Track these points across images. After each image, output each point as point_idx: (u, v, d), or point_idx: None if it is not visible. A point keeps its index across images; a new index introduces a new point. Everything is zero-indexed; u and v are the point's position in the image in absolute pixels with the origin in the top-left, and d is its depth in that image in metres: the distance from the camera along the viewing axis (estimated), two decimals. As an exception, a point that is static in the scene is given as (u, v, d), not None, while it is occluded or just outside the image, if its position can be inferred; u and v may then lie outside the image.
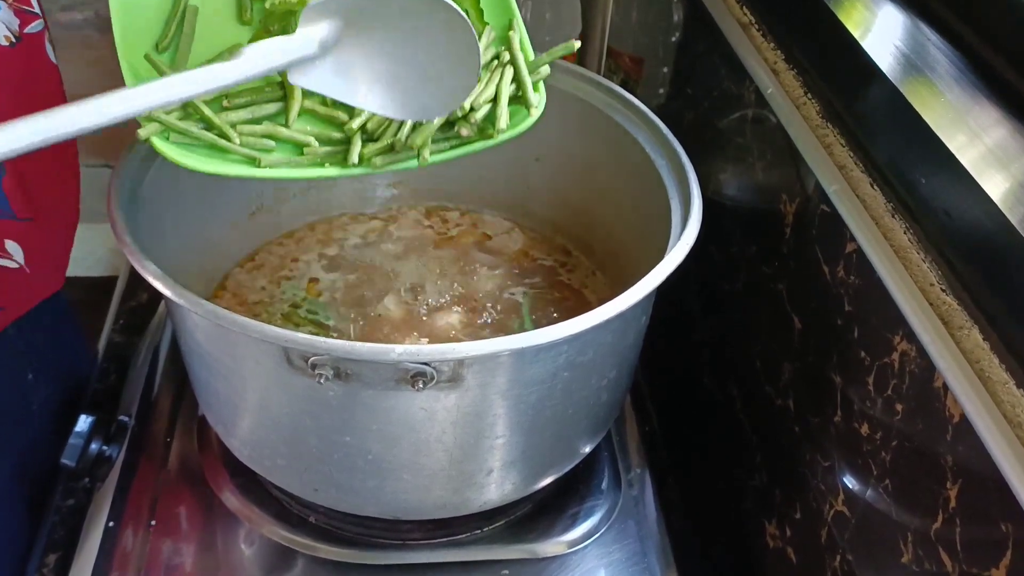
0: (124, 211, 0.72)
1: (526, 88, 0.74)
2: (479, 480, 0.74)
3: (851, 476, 0.67)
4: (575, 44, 0.75)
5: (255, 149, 0.68)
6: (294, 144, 0.69)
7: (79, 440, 0.89)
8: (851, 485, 0.67)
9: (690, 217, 0.72)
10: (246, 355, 0.68)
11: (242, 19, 0.74)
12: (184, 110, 0.68)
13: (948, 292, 0.57)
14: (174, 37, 0.71)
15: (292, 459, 0.74)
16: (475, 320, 0.88)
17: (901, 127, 0.64)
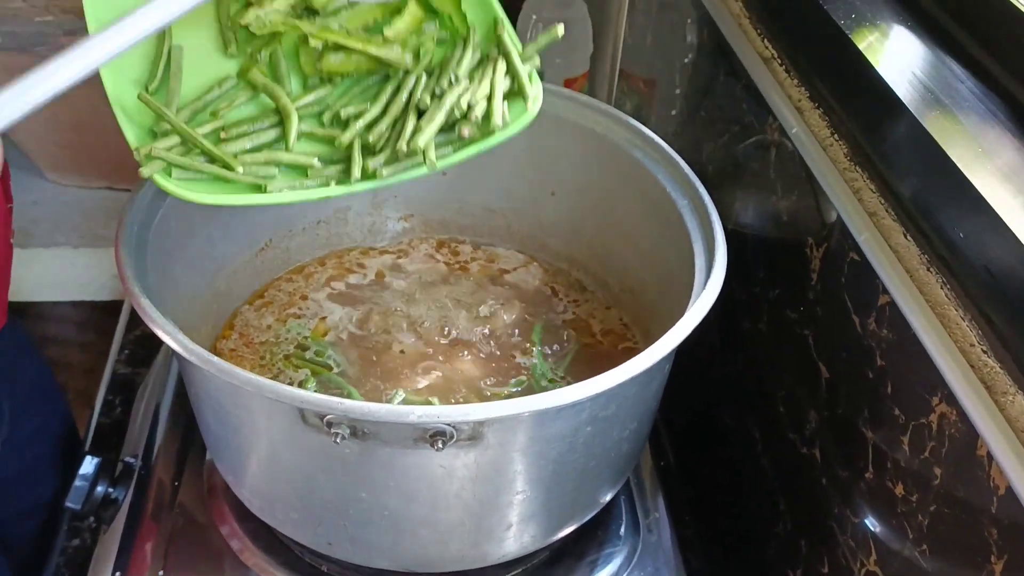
0: (132, 257, 0.70)
1: (521, 79, 0.72)
2: (498, 534, 0.72)
3: (884, 536, 0.65)
4: (559, 29, 0.74)
5: (259, 177, 0.67)
6: (298, 168, 0.68)
7: (84, 483, 0.87)
8: (884, 546, 0.65)
9: (714, 265, 0.70)
10: (258, 411, 0.66)
11: (226, 52, 0.73)
12: (185, 145, 0.66)
13: (990, 354, 0.55)
14: (162, 78, 0.70)
15: (305, 513, 0.72)
16: (488, 360, 0.86)
17: (935, 174, 0.62)
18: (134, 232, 0.73)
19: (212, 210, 0.68)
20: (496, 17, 0.74)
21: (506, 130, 0.70)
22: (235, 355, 0.87)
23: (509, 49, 0.73)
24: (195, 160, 0.66)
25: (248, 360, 0.86)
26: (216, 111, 0.70)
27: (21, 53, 1.26)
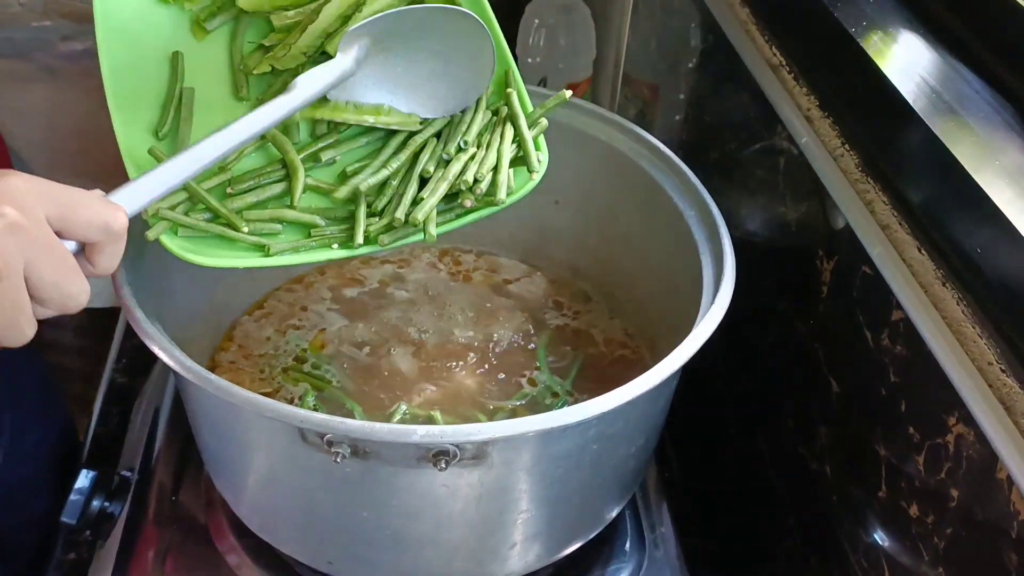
0: (128, 268, 0.69)
1: (528, 149, 0.71)
2: (502, 553, 0.70)
3: (898, 557, 0.63)
4: (567, 94, 0.74)
5: (263, 235, 0.67)
6: (301, 224, 0.69)
7: (80, 497, 0.86)
8: (898, 566, 0.63)
9: (723, 279, 0.68)
10: (257, 429, 0.64)
11: (238, 95, 0.74)
12: (190, 201, 0.67)
13: (1009, 373, 0.54)
14: (173, 121, 0.70)
15: (305, 531, 0.71)
16: (491, 372, 0.84)
17: (950, 185, 0.61)
18: (131, 242, 0.71)
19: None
20: (508, 70, 0.74)
21: (508, 198, 0.70)
22: (234, 367, 0.86)
23: (516, 112, 0.72)
24: (200, 219, 0.67)
25: (247, 373, 0.85)
26: (224, 164, 0.70)
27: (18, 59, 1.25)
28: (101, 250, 0.52)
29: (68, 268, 0.49)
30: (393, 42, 0.68)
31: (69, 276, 0.49)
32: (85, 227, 0.50)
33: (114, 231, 0.51)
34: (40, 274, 0.48)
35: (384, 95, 0.71)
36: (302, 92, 0.64)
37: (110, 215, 0.51)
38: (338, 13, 0.73)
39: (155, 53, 0.72)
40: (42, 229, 0.48)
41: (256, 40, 0.75)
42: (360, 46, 0.67)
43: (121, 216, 0.52)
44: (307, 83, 0.64)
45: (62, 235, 0.49)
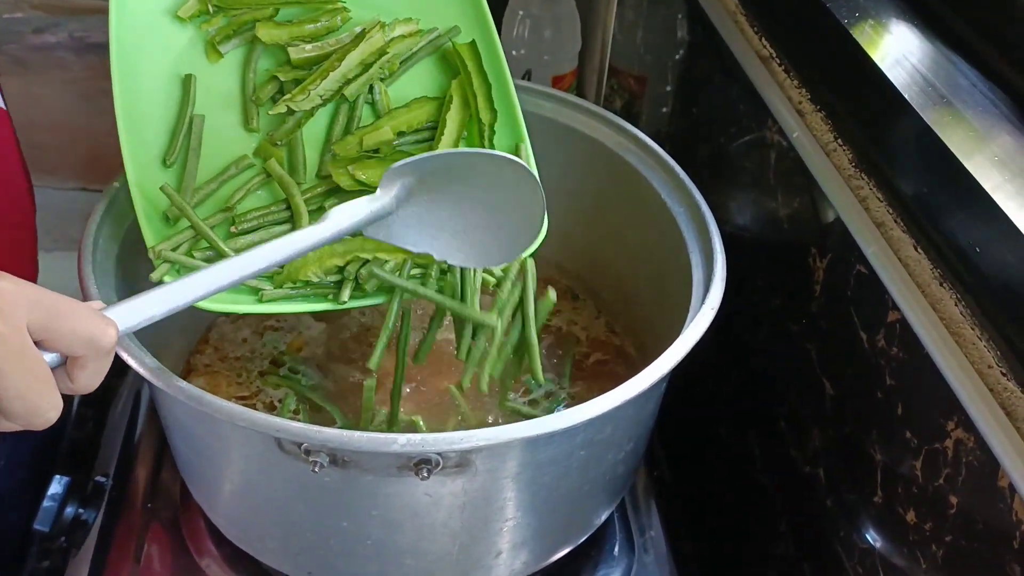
0: (97, 269, 0.67)
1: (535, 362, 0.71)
2: (487, 562, 0.68)
3: (895, 564, 0.62)
4: (552, 295, 0.73)
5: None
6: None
7: (53, 503, 0.83)
8: (895, 574, 0.62)
9: (713, 278, 0.66)
10: (232, 438, 0.62)
11: (248, 127, 0.74)
12: (194, 240, 0.67)
13: (1010, 376, 0.52)
14: (181, 150, 0.70)
15: (284, 542, 0.69)
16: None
17: (946, 181, 0.59)
18: (100, 243, 0.69)
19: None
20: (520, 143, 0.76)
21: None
22: (210, 370, 0.83)
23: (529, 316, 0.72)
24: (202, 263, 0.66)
25: (224, 376, 0.82)
26: (230, 204, 0.70)
27: (-10, 51, 1.22)
28: (83, 365, 0.47)
29: (40, 382, 0.45)
30: (439, 185, 0.63)
31: (39, 390, 0.45)
32: (69, 338, 0.46)
33: (100, 346, 0.47)
34: (5, 384, 0.44)
35: (424, 240, 0.65)
36: (333, 225, 0.59)
37: (99, 329, 0.47)
38: (360, 60, 0.73)
39: (167, 74, 0.71)
40: (18, 336, 0.44)
41: (271, 69, 0.75)
42: (403, 185, 0.62)
43: (111, 332, 0.47)
44: (340, 216, 0.60)
45: (44, 345, 0.45)
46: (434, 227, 0.65)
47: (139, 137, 0.68)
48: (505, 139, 0.75)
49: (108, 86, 0.68)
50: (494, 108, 0.75)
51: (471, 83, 0.75)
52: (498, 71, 0.75)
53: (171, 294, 0.52)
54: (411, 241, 0.65)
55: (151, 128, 0.69)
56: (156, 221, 0.67)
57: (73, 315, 0.46)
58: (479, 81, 0.75)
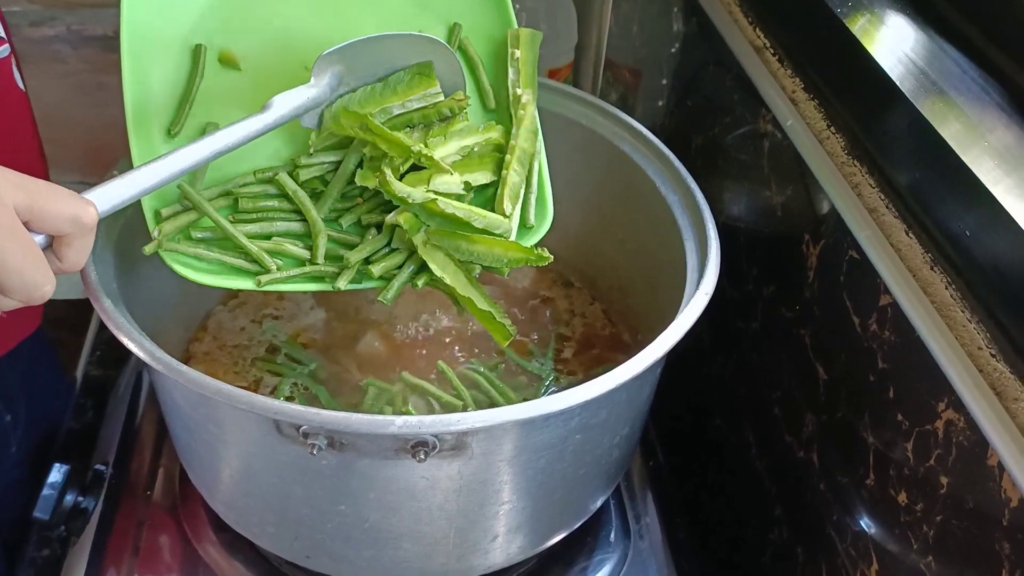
0: (97, 257, 0.67)
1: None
2: (484, 546, 0.69)
3: (887, 546, 0.62)
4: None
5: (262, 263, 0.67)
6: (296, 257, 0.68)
7: (52, 492, 0.84)
8: (887, 555, 0.62)
9: (707, 265, 0.67)
10: (231, 422, 0.62)
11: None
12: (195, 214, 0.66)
13: (999, 358, 0.53)
14: (185, 121, 0.69)
15: (282, 526, 0.69)
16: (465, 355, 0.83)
17: (937, 167, 0.59)
18: (100, 231, 0.69)
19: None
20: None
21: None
22: (209, 358, 0.84)
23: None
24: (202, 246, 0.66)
25: (222, 364, 0.83)
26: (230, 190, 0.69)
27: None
28: (69, 243, 0.51)
29: (33, 256, 0.48)
30: (365, 71, 0.68)
31: (34, 264, 0.48)
32: (54, 218, 0.49)
33: (83, 223, 0.50)
34: (3, 260, 0.47)
35: None
36: (276, 112, 0.63)
37: (80, 207, 0.50)
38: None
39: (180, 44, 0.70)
40: (7, 213, 0.47)
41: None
42: (333, 73, 0.66)
43: (91, 210, 0.51)
44: (282, 103, 0.64)
45: (30, 226, 0.48)
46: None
47: (144, 105, 0.68)
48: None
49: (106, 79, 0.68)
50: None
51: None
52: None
53: (140, 177, 0.56)
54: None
55: (158, 99, 0.69)
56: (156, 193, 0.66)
57: (55, 196, 0.49)
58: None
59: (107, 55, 1.25)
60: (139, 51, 0.68)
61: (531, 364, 0.83)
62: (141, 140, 0.67)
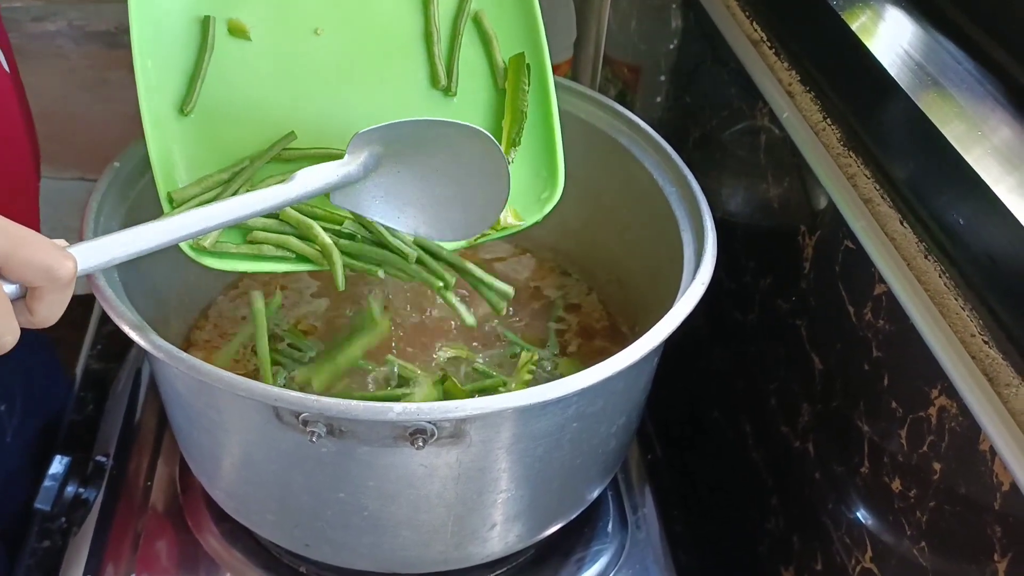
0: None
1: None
2: (482, 534, 0.69)
3: (881, 533, 0.63)
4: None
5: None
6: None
7: (54, 483, 0.85)
8: (881, 543, 0.63)
9: (704, 255, 0.67)
10: (231, 409, 0.63)
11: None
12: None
13: (992, 344, 0.53)
14: (197, 98, 0.67)
15: (282, 514, 0.70)
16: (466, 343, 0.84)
17: (931, 158, 0.60)
18: (100, 224, 0.70)
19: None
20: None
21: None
22: (210, 346, 0.84)
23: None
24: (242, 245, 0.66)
25: (223, 351, 0.83)
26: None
27: (-13, 40, 1.23)
28: (41, 297, 0.47)
29: None
30: (406, 155, 0.64)
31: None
32: (25, 267, 0.46)
33: (58, 278, 0.47)
34: None
35: (391, 212, 0.66)
36: (299, 187, 0.60)
37: (56, 260, 0.47)
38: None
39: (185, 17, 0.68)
40: None
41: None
42: (371, 153, 0.63)
43: (69, 264, 0.48)
44: (307, 178, 0.61)
45: (1, 274, 0.46)
46: (401, 199, 0.65)
47: (157, 89, 0.66)
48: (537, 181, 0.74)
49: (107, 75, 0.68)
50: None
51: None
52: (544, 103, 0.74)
53: (135, 238, 0.53)
54: (378, 212, 0.66)
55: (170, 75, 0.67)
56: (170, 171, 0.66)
57: (32, 245, 0.46)
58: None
59: (109, 51, 1.25)
60: (148, 27, 0.66)
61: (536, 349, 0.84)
62: (154, 122, 0.65)
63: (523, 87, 0.73)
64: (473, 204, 0.65)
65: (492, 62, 0.75)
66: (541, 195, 0.73)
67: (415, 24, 0.74)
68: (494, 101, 0.75)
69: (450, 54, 0.74)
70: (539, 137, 0.73)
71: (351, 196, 0.65)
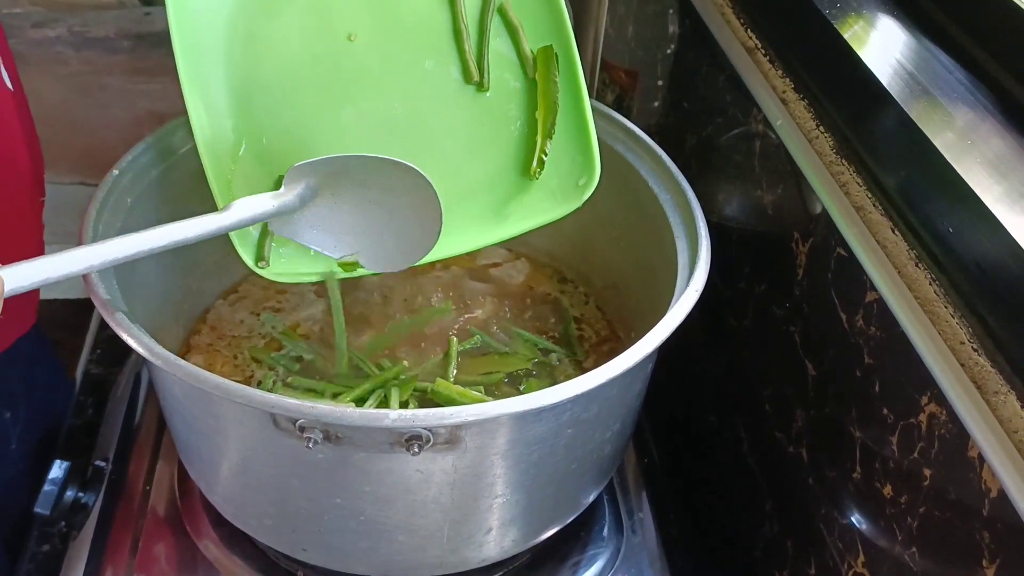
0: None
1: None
2: (477, 539, 0.70)
3: (873, 538, 0.63)
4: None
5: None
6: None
7: (53, 487, 0.85)
8: (873, 547, 0.63)
9: (698, 262, 0.68)
10: (228, 416, 0.63)
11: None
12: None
13: (981, 352, 0.54)
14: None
15: (279, 519, 0.70)
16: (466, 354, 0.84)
17: (923, 166, 0.60)
18: (99, 230, 0.70)
19: (181, 209, 0.67)
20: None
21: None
22: (212, 349, 0.85)
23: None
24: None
25: (222, 355, 0.84)
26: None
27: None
28: None
29: None
30: (341, 187, 0.66)
31: None
32: None
33: None
34: None
35: (328, 240, 0.68)
36: (234, 215, 0.62)
37: None
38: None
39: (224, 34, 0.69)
40: None
41: None
42: (307, 184, 0.65)
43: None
44: (243, 208, 0.62)
45: None
46: (338, 229, 0.68)
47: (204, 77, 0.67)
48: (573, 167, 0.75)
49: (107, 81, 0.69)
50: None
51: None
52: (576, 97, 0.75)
53: (65, 261, 0.54)
54: (316, 241, 0.68)
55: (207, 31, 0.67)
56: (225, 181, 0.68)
57: None
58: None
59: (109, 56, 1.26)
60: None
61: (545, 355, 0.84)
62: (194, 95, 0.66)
63: (553, 78, 0.74)
64: (407, 235, 0.67)
65: (520, 52, 0.76)
66: (579, 181, 0.74)
67: (444, 22, 0.75)
68: (526, 91, 0.76)
69: (480, 49, 0.75)
70: (572, 124, 0.74)
71: (288, 225, 0.66)
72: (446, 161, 0.74)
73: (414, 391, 0.76)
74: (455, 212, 0.70)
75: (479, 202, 0.74)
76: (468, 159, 0.75)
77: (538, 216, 0.74)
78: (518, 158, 0.75)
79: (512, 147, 0.75)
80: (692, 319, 0.64)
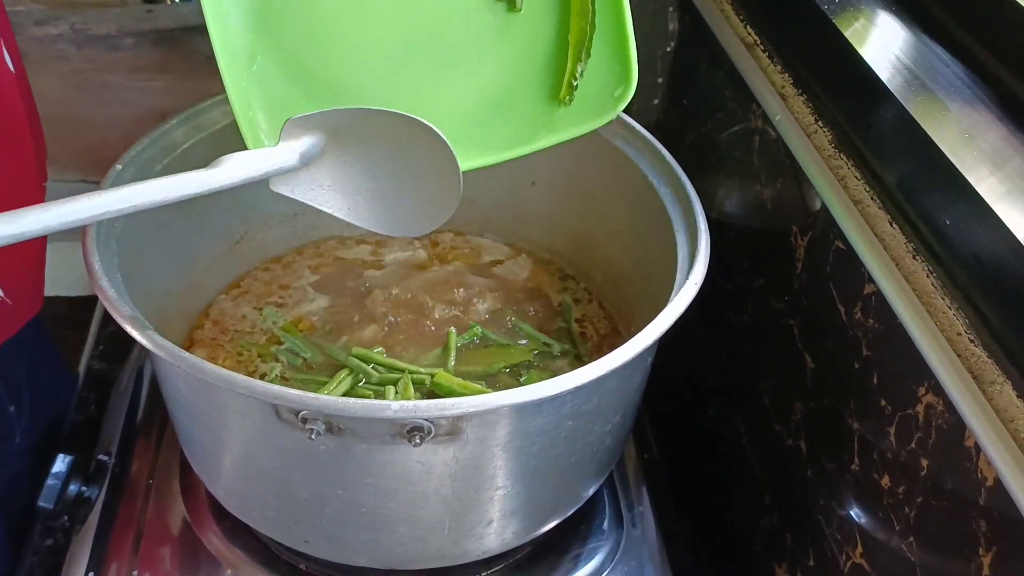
0: (101, 251, 0.68)
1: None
2: (478, 531, 0.70)
3: (871, 529, 0.64)
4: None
5: None
6: None
7: (57, 482, 0.86)
8: (870, 538, 0.64)
9: (697, 255, 0.68)
10: (231, 407, 0.64)
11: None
12: None
13: (977, 343, 0.54)
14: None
15: (281, 511, 0.71)
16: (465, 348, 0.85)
17: (920, 160, 0.61)
18: (103, 226, 0.71)
19: (185, 204, 0.67)
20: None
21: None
22: (215, 343, 0.85)
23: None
24: None
25: (225, 349, 0.84)
26: None
27: (-10, 43, 1.24)
28: None
29: None
30: (353, 145, 0.61)
31: None
32: None
33: None
34: None
35: (338, 201, 0.63)
36: (225, 173, 0.56)
37: None
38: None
39: None
40: None
41: None
42: (310, 140, 0.60)
43: None
44: (235, 165, 0.56)
45: None
46: (349, 190, 0.63)
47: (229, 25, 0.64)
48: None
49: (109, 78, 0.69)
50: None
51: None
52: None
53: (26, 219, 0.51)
54: (325, 202, 0.63)
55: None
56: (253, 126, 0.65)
57: None
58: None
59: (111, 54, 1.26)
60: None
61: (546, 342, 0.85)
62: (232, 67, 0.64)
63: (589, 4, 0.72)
64: (421, 196, 0.63)
65: None
66: (615, 92, 0.72)
67: None
68: (559, 9, 0.73)
69: None
70: (611, 33, 0.72)
71: (290, 183, 0.62)
72: (475, 77, 0.72)
73: (415, 383, 0.76)
74: (486, 128, 0.68)
75: (509, 117, 0.72)
76: (498, 76, 0.72)
77: (572, 128, 0.72)
78: (550, 76, 0.73)
79: (543, 66, 0.73)
80: (692, 312, 0.64)
